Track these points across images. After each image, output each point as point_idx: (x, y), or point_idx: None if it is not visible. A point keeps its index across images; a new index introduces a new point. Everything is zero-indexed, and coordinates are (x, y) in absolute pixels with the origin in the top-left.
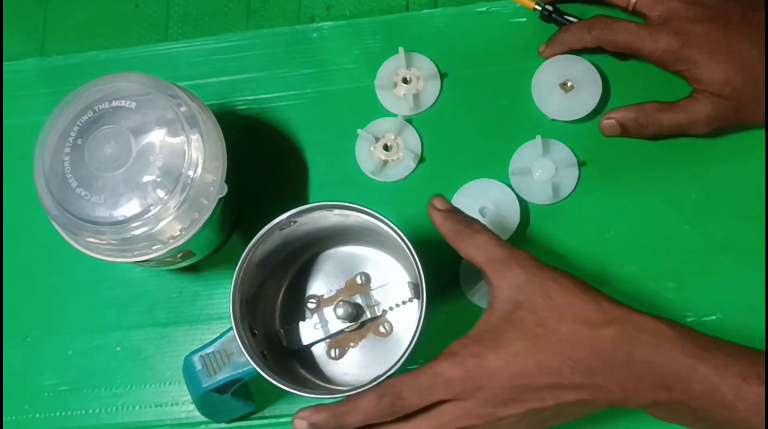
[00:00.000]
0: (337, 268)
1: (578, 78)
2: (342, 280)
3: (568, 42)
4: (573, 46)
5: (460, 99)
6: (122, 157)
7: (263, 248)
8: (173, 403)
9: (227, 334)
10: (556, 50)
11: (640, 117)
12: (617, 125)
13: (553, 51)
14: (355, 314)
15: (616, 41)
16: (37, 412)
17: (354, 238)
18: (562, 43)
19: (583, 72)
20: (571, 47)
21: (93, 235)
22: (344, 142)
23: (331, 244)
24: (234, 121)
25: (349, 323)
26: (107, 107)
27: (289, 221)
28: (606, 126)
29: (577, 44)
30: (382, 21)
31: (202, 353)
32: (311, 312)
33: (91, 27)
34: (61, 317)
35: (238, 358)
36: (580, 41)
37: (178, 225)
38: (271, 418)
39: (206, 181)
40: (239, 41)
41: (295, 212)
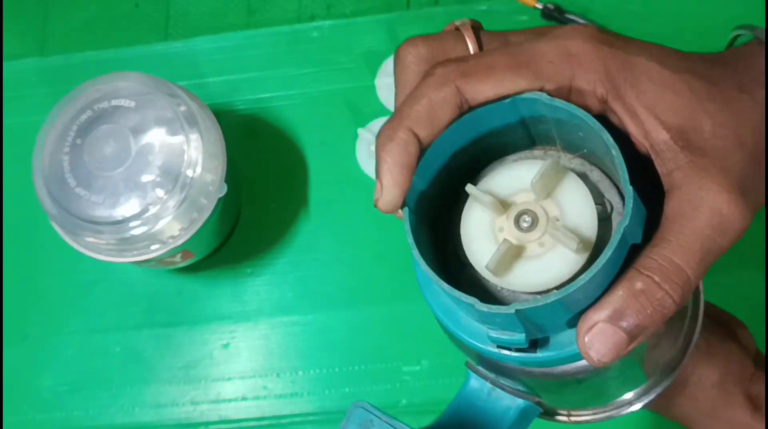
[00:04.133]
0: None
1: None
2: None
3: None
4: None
5: None
6: (121, 157)
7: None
8: (173, 404)
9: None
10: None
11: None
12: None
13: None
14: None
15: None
16: (36, 412)
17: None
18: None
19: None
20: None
21: (92, 234)
22: (344, 142)
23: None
24: (234, 120)
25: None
26: (106, 107)
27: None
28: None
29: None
30: (383, 19)
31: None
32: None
33: (91, 27)
34: (61, 317)
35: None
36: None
37: (178, 225)
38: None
39: (206, 180)
40: (239, 41)
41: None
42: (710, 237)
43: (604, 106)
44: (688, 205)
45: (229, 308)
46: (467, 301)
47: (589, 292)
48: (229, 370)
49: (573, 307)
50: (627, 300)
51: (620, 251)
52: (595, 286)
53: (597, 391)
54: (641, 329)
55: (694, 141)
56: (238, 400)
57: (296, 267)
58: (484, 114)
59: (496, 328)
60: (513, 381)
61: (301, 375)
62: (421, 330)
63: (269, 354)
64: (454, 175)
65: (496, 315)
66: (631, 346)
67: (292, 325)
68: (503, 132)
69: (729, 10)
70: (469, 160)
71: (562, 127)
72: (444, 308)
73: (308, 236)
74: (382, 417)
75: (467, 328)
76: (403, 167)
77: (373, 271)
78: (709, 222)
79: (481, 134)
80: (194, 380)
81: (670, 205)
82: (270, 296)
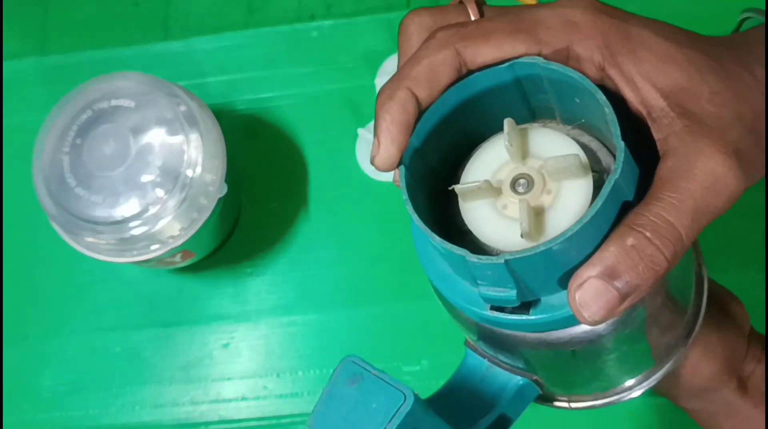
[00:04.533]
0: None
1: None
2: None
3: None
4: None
5: None
6: (121, 157)
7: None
8: (173, 404)
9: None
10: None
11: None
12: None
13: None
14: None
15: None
16: (36, 412)
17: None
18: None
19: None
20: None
21: (92, 234)
22: (344, 142)
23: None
24: (234, 120)
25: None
26: (106, 106)
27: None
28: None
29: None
30: (383, 19)
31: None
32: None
33: (91, 26)
34: (61, 317)
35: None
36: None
37: (178, 225)
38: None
39: (205, 180)
40: (239, 40)
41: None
42: (703, 197)
43: (602, 73)
44: (681, 166)
45: (229, 308)
46: (458, 253)
47: (579, 246)
48: (229, 370)
49: (563, 261)
50: (618, 255)
51: (612, 206)
52: (586, 239)
53: (594, 370)
54: (633, 287)
55: (691, 108)
56: (238, 400)
57: (296, 267)
58: (481, 77)
59: (488, 284)
60: (510, 357)
61: (301, 375)
62: (421, 330)
63: (269, 354)
64: (455, 151)
65: (487, 267)
66: (623, 305)
67: (292, 325)
68: (503, 104)
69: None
70: (470, 135)
71: (559, 94)
72: (440, 274)
73: (308, 236)
74: (372, 370)
75: (462, 293)
76: (400, 125)
77: (373, 271)
78: (702, 182)
79: (477, 95)
80: (194, 380)
81: (663, 167)
82: (270, 296)
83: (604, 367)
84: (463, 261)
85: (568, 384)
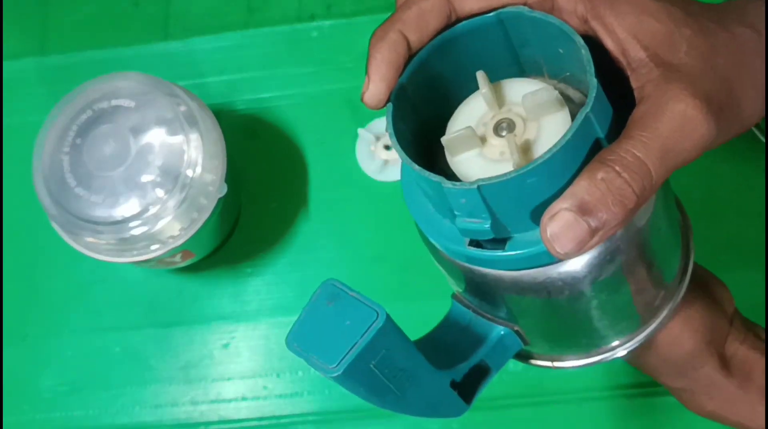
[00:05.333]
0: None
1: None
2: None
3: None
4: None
5: None
6: (121, 157)
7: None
8: (173, 404)
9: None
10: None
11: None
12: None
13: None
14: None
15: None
16: (36, 412)
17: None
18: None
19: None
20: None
21: (92, 234)
22: (344, 142)
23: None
24: (234, 120)
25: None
26: (106, 106)
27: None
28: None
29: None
30: (383, 19)
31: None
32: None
33: (91, 26)
34: (61, 317)
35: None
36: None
37: (178, 225)
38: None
39: (205, 180)
40: (239, 40)
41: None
42: (672, 136)
43: (585, 25)
44: (653, 108)
45: (229, 308)
46: (434, 180)
47: (550, 176)
48: (229, 370)
49: (535, 191)
50: (588, 188)
51: (583, 140)
52: (557, 170)
53: (573, 322)
54: (602, 222)
55: (668, 59)
56: (238, 400)
57: (296, 267)
58: (468, 25)
59: (463, 214)
60: (492, 306)
61: (301, 375)
62: (421, 330)
63: (269, 354)
64: (447, 110)
65: (461, 193)
66: (594, 240)
67: (292, 325)
68: (492, 61)
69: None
70: (461, 96)
71: (544, 45)
72: (424, 216)
73: (308, 236)
74: (350, 292)
75: (444, 232)
76: (390, 64)
77: (373, 271)
78: (671, 121)
79: (465, 48)
80: (194, 380)
81: (637, 110)
82: (270, 296)
83: (584, 319)
84: (439, 188)
85: (550, 339)
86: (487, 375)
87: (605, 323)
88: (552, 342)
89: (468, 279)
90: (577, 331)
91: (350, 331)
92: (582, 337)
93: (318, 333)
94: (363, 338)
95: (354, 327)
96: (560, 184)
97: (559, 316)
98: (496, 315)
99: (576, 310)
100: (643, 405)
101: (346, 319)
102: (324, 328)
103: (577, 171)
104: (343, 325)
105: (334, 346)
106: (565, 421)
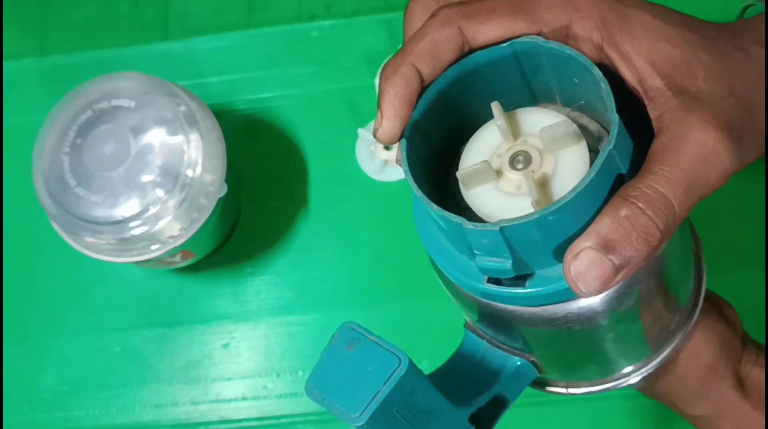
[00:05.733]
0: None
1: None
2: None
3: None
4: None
5: None
6: (121, 157)
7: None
8: (173, 404)
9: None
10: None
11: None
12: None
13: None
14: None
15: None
16: (36, 412)
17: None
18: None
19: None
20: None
21: (92, 234)
22: (344, 142)
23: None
24: (234, 120)
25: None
26: (106, 107)
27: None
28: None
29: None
30: (383, 19)
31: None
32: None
33: (91, 26)
34: (61, 317)
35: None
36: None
37: (178, 225)
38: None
39: (205, 180)
40: (239, 40)
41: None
42: (695, 169)
43: (600, 53)
44: (673, 140)
45: (229, 308)
46: (455, 221)
47: (574, 215)
48: (229, 370)
49: (558, 230)
50: (611, 226)
51: (606, 177)
52: (580, 209)
53: (590, 351)
54: (626, 259)
55: (686, 87)
56: (238, 400)
57: (296, 267)
58: (482, 56)
59: (484, 254)
60: (508, 337)
61: (301, 375)
62: (421, 330)
63: (269, 354)
64: (459, 137)
65: (483, 234)
66: (618, 277)
67: (292, 325)
68: (504, 89)
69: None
70: (474, 123)
71: (558, 74)
72: (439, 249)
73: (308, 236)
74: (369, 336)
75: (460, 267)
76: (403, 99)
77: (373, 271)
78: (694, 154)
79: (478, 76)
80: (194, 380)
81: (657, 142)
82: (270, 296)
83: (601, 348)
84: (459, 229)
85: (565, 367)
86: (505, 406)
87: (621, 351)
88: (567, 370)
89: (484, 313)
90: (593, 360)
91: (372, 378)
92: (598, 365)
93: (338, 379)
94: (386, 385)
95: (376, 373)
96: (583, 222)
97: (576, 346)
98: (513, 346)
99: (593, 340)
100: (643, 405)
101: (368, 364)
102: (345, 373)
103: (599, 207)
104: (365, 370)
105: (357, 393)
106: (565, 421)
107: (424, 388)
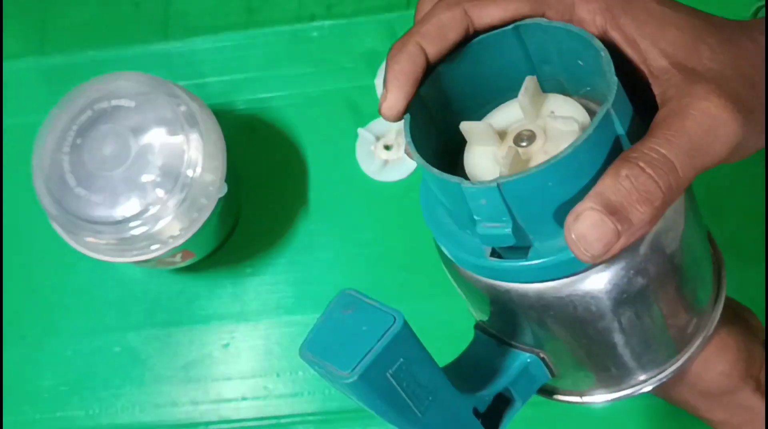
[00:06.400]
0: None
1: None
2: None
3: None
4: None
5: None
6: (121, 157)
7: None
8: (173, 404)
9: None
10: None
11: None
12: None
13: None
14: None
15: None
16: (36, 412)
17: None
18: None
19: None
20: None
21: (92, 234)
22: (344, 142)
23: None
24: (234, 120)
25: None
26: (106, 106)
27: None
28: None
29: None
30: (383, 19)
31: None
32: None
33: (91, 26)
34: (61, 317)
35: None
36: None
37: (178, 225)
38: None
39: (206, 180)
40: (239, 40)
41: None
42: (699, 135)
43: (604, 37)
44: (676, 107)
45: (229, 308)
46: (454, 181)
47: (572, 174)
48: (229, 370)
49: (556, 190)
50: (612, 186)
51: (604, 137)
52: (578, 168)
53: (601, 348)
54: (629, 221)
55: (691, 66)
56: (238, 400)
57: (296, 267)
58: (486, 38)
59: (483, 218)
60: (516, 330)
61: (301, 375)
62: (421, 330)
63: (269, 354)
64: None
65: (481, 193)
66: (621, 241)
67: (292, 325)
68: (511, 76)
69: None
70: (478, 109)
71: (563, 58)
72: (444, 231)
73: (308, 236)
74: (367, 299)
75: (463, 246)
76: (408, 75)
77: (373, 271)
78: (698, 122)
79: (483, 61)
80: (194, 380)
81: (660, 113)
82: (270, 296)
83: (611, 344)
84: (459, 192)
85: (577, 366)
86: (512, 405)
87: (635, 351)
88: (579, 372)
89: (491, 300)
90: (605, 358)
91: (366, 337)
92: (611, 367)
93: (333, 341)
94: (380, 343)
95: (371, 332)
96: (582, 185)
97: (585, 338)
98: (521, 341)
99: (603, 333)
100: (643, 405)
101: (363, 325)
102: (339, 336)
103: (599, 172)
104: (360, 330)
105: (349, 352)
106: (565, 421)
107: (421, 355)
